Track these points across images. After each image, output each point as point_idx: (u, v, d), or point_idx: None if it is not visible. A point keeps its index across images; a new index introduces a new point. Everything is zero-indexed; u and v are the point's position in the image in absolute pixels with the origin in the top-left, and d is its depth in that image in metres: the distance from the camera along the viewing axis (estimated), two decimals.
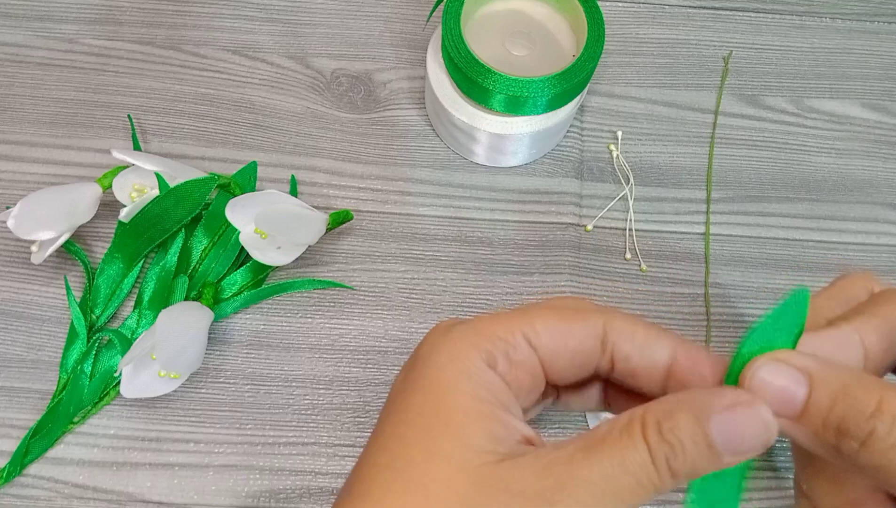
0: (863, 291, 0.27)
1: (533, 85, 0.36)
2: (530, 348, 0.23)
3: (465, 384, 0.22)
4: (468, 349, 0.23)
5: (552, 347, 0.23)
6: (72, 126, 0.41)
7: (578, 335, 0.23)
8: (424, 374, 0.23)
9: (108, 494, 0.34)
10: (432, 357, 0.23)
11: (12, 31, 0.44)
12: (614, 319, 0.24)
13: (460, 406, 0.22)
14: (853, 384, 0.21)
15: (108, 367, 0.35)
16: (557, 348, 0.23)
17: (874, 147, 0.44)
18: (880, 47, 0.47)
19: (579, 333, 0.23)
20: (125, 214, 0.35)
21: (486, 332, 0.23)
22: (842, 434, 0.20)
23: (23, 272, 0.38)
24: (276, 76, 0.44)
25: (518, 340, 0.23)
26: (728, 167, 0.43)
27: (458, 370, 0.22)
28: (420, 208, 0.40)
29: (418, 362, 0.23)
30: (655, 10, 0.47)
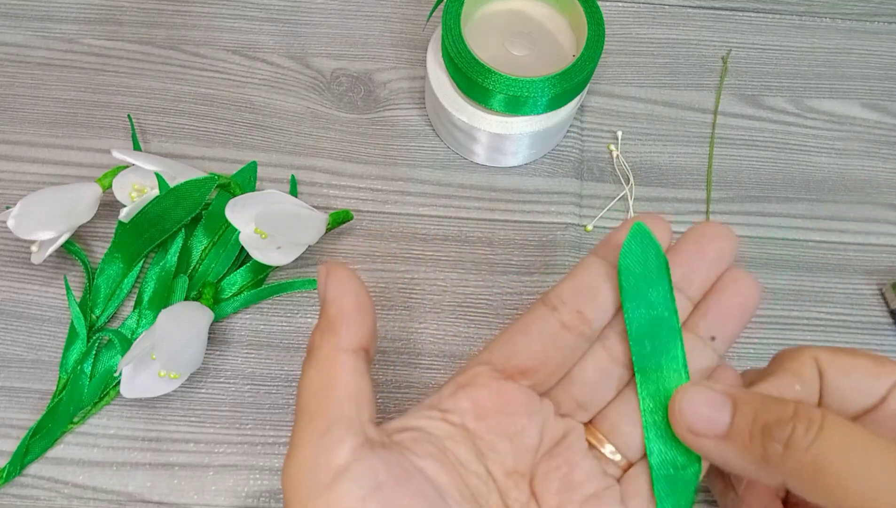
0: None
1: (533, 85, 0.36)
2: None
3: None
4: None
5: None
6: (72, 126, 0.41)
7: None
8: None
9: (108, 494, 0.34)
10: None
11: (12, 31, 0.44)
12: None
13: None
14: (770, 399, 0.23)
15: (108, 367, 0.35)
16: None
17: (874, 147, 0.44)
18: (880, 47, 0.47)
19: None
20: (125, 214, 0.35)
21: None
22: (767, 439, 0.22)
23: (23, 272, 0.38)
24: (276, 76, 0.44)
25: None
26: (728, 167, 0.43)
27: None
28: (420, 208, 0.40)
29: None
30: (655, 10, 0.47)
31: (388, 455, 0.22)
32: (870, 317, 0.39)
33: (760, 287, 0.26)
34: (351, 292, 0.24)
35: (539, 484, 0.25)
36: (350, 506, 0.20)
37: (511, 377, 0.26)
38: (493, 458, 0.25)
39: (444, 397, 0.26)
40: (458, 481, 0.23)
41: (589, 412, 0.27)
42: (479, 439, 0.25)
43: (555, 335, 0.26)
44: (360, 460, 0.21)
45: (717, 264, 0.26)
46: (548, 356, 0.26)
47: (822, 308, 0.40)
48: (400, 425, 0.25)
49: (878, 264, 0.41)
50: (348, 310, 0.24)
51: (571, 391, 0.27)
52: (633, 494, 0.25)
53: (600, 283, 0.26)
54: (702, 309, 0.27)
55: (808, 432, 0.21)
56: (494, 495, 0.24)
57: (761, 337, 0.39)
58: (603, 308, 0.26)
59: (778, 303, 0.39)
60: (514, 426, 0.25)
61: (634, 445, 0.26)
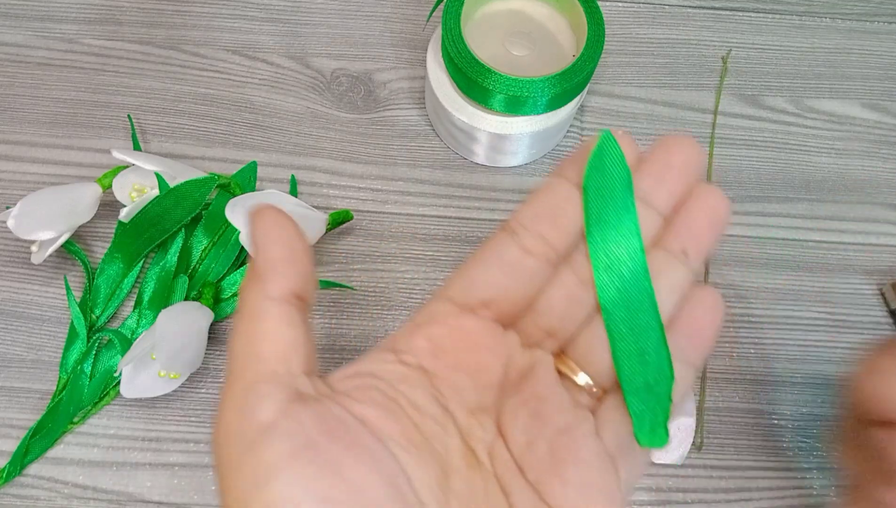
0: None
1: (533, 85, 0.36)
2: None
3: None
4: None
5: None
6: (72, 126, 0.41)
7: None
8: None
9: (108, 494, 0.34)
10: None
11: (12, 31, 0.44)
12: None
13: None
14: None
15: (108, 367, 0.35)
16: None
17: (874, 147, 0.44)
18: (880, 47, 0.47)
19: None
20: (125, 214, 0.35)
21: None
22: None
23: (23, 272, 0.38)
24: (276, 76, 0.44)
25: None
26: (728, 167, 0.43)
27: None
28: (420, 208, 0.40)
29: None
30: (655, 10, 0.47)
31: (322, 408, 0.21)
32: (870, 317, 0.39)
33: (727, 200, 0.25)
34: (279, 237, 0.22)
35: (506, 422, 0.24)
36: (278, 465, 0.19)
37: (472, 311, 0.24)
38: (454, 398, 0.24)
39: (400, 338, 0.24)
40: (408, 427, 0.22)
41: (558, 339, 0.25)
42: (437, 378, 0.24)
43: (516, 261, 0.24)
44: (288, 416, 0.20)
45: (683, 173, 0.25)
46: (509, 284, 0.24)
47: (822, 308, 0.40)
48: (350, 371, 0.23)
49: (878, 264, 0.41)
50: (276, 256, 0.22)
51: (538, 319, 0.25)
52: (608, 423, 0.24)
53: (562, 203, 0.25)
54: (672, 225, 0.25)
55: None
56: (454, 438, 0.23)
57: (761, 337, 0.39)
58: (566, 230, 0.25)
59: (778, 303, 0.39)
60: (474, 362, 0.24)
61: (608, 371, 0.25)
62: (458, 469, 0.23)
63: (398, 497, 0.20)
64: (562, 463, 0.23)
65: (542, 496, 0.23)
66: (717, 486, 0.36)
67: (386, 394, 0.22)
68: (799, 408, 0.37)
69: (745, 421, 0.37)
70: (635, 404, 0.24)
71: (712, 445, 0.36)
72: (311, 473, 0.19)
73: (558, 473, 0.23)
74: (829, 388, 0.38)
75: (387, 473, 0.20)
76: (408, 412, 0.22)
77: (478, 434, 0.24)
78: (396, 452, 0.21)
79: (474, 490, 0.23)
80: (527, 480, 0.23)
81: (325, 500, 0.19)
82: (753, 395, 0.37)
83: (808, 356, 0.38)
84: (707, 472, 0.36)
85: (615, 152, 0.25)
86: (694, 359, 0.25)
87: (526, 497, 0.23)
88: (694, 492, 0.35)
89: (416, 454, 0.22)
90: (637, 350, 0.25)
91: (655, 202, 0.25)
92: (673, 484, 0.35)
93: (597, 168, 0.25)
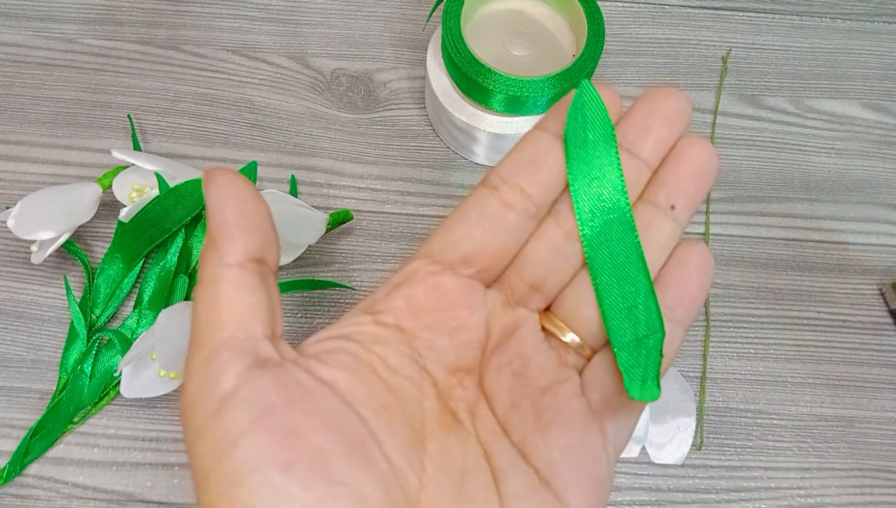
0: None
1: (533, 85, 0.36)
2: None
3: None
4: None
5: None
6: (72, 126, 0.41)
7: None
8: None
9: (108, 494, 0.34)
10: None
11: (12, 31, 0.44)
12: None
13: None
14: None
15: (108, 367, 0.35)
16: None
17: (874, 147, 0.44)
18: (880, 47, 0.47)
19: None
20: (125, 214, 0.35)
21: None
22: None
23: (23, 272, 0.38)
24: (276, 76, 0.44)
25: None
26: (728, 167, 0.43)
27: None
28: (420, 208, 0.40)
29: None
30: (655, 10, 0.47)
31: (283, 373, 0.20)
32: (870, 317, 0.39)
33: (716, 153, 0.24)
34: (233, 199, 0.21)
35: (489, 382, 0.24)
36: (239, 433, 0.19)
37: (452, 268, 0.24)
38: (432, 357, 0.23)
39: (378, 298, 0.23)
40: (379, 389, 0.21)
41: (545, 295, 0.25)
42: (415, 338, 0.23)
43: (496, 215, 0.24)
44: (247, 382, 0.19)
45: (669, 125, 0.24)
46: (490, 239, 0.24)
47: (822, 308, 0.40)
48: (323, 335, 0.23)
49: (878, 264, 0.41)
50: (230, 221, 0.21)
51: (522, 272, 0.24)
52: (595, 383, 0.23)
53: (542, 155, 0.24)
54: (659, 178, 0.24)
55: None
56: (430, 400, 0.22)
57: (761, 337, 0.39)
58: (547, 182, 0.24)
59: (778, 303, 0.39)
60: (453, 321, 0.23)
61: (595, 329, 0.24)
62: (434, 432, 0.22)
63: (365, 461, 0.19)
64: (546, 424, 0.22)
65: (526, 457, 0.22)
66: (717, 486, 0.36)
67: (357, 356, 0.22)
68: (799, 408, 0.37)
69: (745, 421, 0.37)
70: (625, 358, 0.23)
71: (712, 445, 0.36)
72: (271, 439, 0.19)
73: (542, 433, 0.22)
74: (829, 388, 0.38)
75: (351, 436, 0.20)
76: (380, 373, 0.22)
77: (458, 394, 0.23)
78: (365, 415, 0.21)
79: (451, 452, 0.22)
80: (511, 441, 0.23)
81: (285, 466, 0.18)
82: (753, 395, 0.37)
83: (808, 356, 0.38)
84: (707, 472, 0.36)
85: (595, 102, 0.24)
86: (683, 318, 0.24)
87: (509, 458, 0.22)
88: (694, 492, 0.35)
89: (387, 416, 0.21)
90: (625, 304, 0.23)
91: (641, 153, 0.24)
92: (673, 484, 0.35)
93: (577, 119, 0.24)
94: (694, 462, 0.36)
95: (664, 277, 0.24)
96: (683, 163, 0.24)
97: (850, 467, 0.36)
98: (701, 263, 0.24)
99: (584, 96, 0.24)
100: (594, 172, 0.24)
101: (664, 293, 0.24)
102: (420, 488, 0.20)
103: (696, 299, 0.24)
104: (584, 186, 0.24)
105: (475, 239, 0.24)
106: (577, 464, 0.22)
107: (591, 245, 0.24)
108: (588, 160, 0.24)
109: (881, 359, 0.39)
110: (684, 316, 0.24)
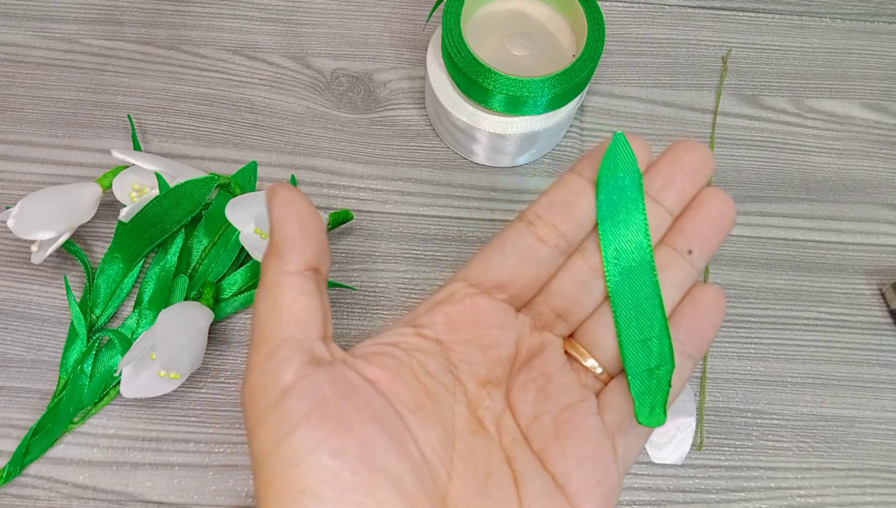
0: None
1: (533, 85, 0.36)
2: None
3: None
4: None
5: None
6: (72, 126, 0.41)
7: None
8: None
9: (108, 494, 0.34)
10: None
11: (12, 31, 0.44)
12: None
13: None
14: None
15: (108, 367, 0.35)
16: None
17: (874, 147, 0.44)
18: (880, 47, 0.47)
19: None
20: (125, 214, 0.35)
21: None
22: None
23: (23, 272, 0.38)
24: (276, 76, 0.44)
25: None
26: (728, 167, 0.43)
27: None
28: (420, 208, 0.40)
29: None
30: (655, 10, 0.47)
31: (335, 370, 0.23)
32: (870, 317, 0.39)
33: (734, 204, 0.27)
34: (294, 214, 0.24)
35: (515, 395, 0.26)
36: (296, 421, 0.21)
37: (487, 292, 0.26)
38: (466, 369, 0.26)
39: (420, 314, 0.26)
40: (417, 391, 0.24)
41: (569, 323, 0.27)
42: (451, 351, 0.26)
43: (530, 248, 0.26)
44: (304, 377, 0.22)
45: (693, 177, 0.27)
46: (523, 269, 0.26)
47: (822, 308, 0.40)
48: (370, 342, 0.25)
49: (878, 264, 0.41)
50: (292, 233, 0.24)
51: (550, 300, 0.27)
52: (610, 405, 0.26)
53: (575, 197, 0.26)
54: (679, 224, 0.27)
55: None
56: (462, 406, 0.25)
57: (761, 337, 0.39)
58: (578, 221, 0.26)
59: (778, 303, 0.39)
60: (487, 338, 0.26)
61: (613, 358, 0.26)
62: (463, 434, 0.24)
63: (402, 453, 0.22)
64: (564, 436, 0.25)
65: (545, 464, 0.25)
66: (717, 486, 0.36)
67: (400, 360, 0.25)
68: (799, 408, 0.37)
69: (745, 421, 0.37)
70: (637, 385, 0.26)
71: (712, 445, 0.36)
72: (324, 428, 0.21)
73: (560, 444, 0.25)
74: (829, 388, 0.38)
75: (392, 431, 0.22)
76: (419, 377, 0.24)
77: (486, 404, 0.26)
78: (403, 413, 0.23)
79: (477, 452, 0.24)
80: (532, 449, 0.25)
81: (336, 452, 0.21)
82: (753, 395, 0.37)
83: (808, 356, 0.38)
84: (707, 472, 0.36)
85: (627, 153, 0.26)
86: (694, 352, 0.26)
87: (529, 464, 0.25)
88: (694, 492, 0.35)
89: (423, 416, 0.24)
90: (641, 337, 0.26)
91: (665, 201, 0.27)
92: (673, 484, 0.35)
93: (609, 167, 0.26)
94: (694, 462, 0.36)
95: (678, 314, 0.27)
96: (703, 212, 0.27)
97: (850, 467, 0.36)
98: (713, 303, 0.27)
99: (617, 147, 0.26)
100: (621, 216, 0.26)
101: (677, 329, 0.26)
102: (448, 481, 0.23)
103: (706, 336, 0.27)
104: (612, 228, 0.26)
105: (510, 268, 0.26)
106: (590, 474, 0.24)
107: (614, 282, 0.27)
108: (617, 205, 0.26)
109: (881, 359, 0.39)
110: (695, 351, 0.27)
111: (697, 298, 0.27)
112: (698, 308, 0.27)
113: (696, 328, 0.26)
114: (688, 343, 0.26)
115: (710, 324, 0.27)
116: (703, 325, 0.27)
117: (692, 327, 0.26)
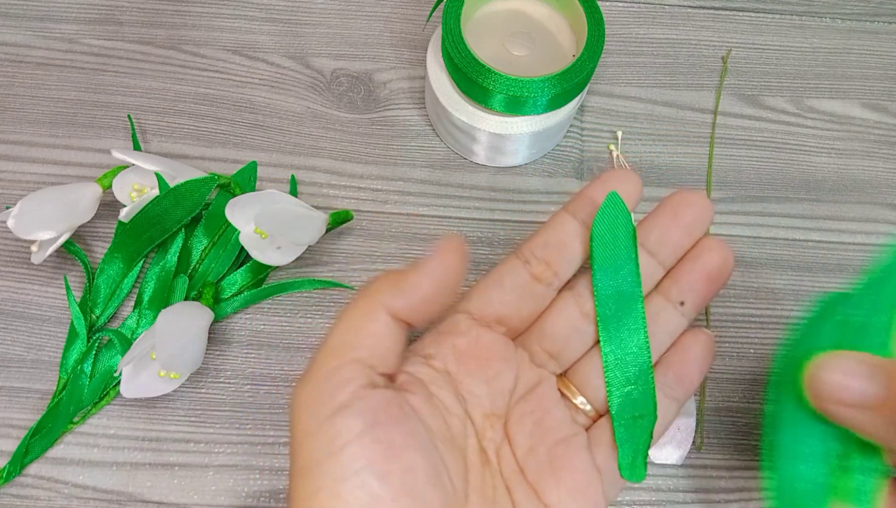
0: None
1: (533, 85, 0.36)
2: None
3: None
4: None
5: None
6: (72, 126, 0.41)
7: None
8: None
9: (108, 494, 0.34)
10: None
11: (12, 31, 0.44)
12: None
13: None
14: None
15: (108, 367, 0.35)
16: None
17: (874, 147, 0.44)
18: (880, 47, 0.47)
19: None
20: (125, 214, 0.35)
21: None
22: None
23: (23, 272, 0.38)
24: (276, 76, 0.44)
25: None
26: (728, 167, 0.43)
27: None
28: (420, 208, 0.40)
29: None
30: (655, 10, 0.47)
31: (389, 395, 0.23)
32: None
33: (733, 256, 0.28)
34: (441, 274, 0.24)
35: (513, 426, 0.27)
36: (348, 439, 0.21)
37: (488, 326, 0.27)
38: (472, 401, 0.26)
39: (427, 344, 0.27)
40: (442, 423, 0.25)
41: (561, 363, 0.28)
42: (459, 383, 0.26)
43: (526, 285, 0.28)
44: (361, 398, 0.22)
45: (690, 231, 0.28)
46: (521, 305, 0.28)
47: None
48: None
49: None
50: (425, 287, 0.24)
51: (543, 341, 0.28)
52: (599, 442, 0.27)
53: (569, 240, 0.28)
54: (674, 275, 0.28)
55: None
56: (472, 438, 0.26)
57: (761, 337, 0.39)
58: (570, 261, 0.28)
59: (778, 303, 0.39)
60: (491, 371, 0.27)
61: (602, 398, 0.28)
62: (474, 465, 0.25)
63: (438, 482, 0.23)
64: (558, 469, 0.26)
65: (540, 495, 0.26)
66: (717, 486, 0.36)
67: (428, 392, 0.25)
68: None
69: (745, 421, 0.37)
70: (621, 432, 0.27)
71: (712, 445, 0.36)
72: (374, 450, 0.21)
73: (554, 476, 0.26)
74: None
75: (432, 460, 0.23)
76: (441, 410, 0.25)
77: (489, 435, 0.26)
78: (437, 443, 0.24)
79: (486, 485, 0.25)
80: (527, 480, 0.26)
81: (382, 475, 0.21)
82: (753, 395, 0.37)
83: None
84: (707, 472, 0.36)
85: (621, 211, 0.27)
86: (680, 396, 0.28)
87: (526, 495, 0.26)
88: (694, 492, 0.35)
89: (449, 447, 0.24)
90: (627, 385, 0.27)
91: (659, 255, 0.28)
92: (673, 484, 0.35)
93: (604, 222, 0.27)
94: (694, 462, 0.36)
95: (667, 359, 0.28)
96: (699, 265, 0.28)
97: None
98: (702, 350, 0.28)
99: (612, 206, 0.27)
100: (615, 266, 0.28)
101: (665, 374, 0.28)
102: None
103: (693, 381, 0.28)
104: (605, 278, 0.28)
105: (508, 304, 0.28)
106: (581, 505, 0.26)
107: (606, 328, 0.28)
108: (611, 258, 0.28)
109: None
110: (681, 395, 0.28)
111: (687, 345, 0.28)
112: (687, 355, 0.28)
113: (683, 374, 0.28)
114: (675, 388, 0.28)
115: (697, 370, 0.28)
116: (691, 370, 0.28)
117: (680, 373, 0.28)
